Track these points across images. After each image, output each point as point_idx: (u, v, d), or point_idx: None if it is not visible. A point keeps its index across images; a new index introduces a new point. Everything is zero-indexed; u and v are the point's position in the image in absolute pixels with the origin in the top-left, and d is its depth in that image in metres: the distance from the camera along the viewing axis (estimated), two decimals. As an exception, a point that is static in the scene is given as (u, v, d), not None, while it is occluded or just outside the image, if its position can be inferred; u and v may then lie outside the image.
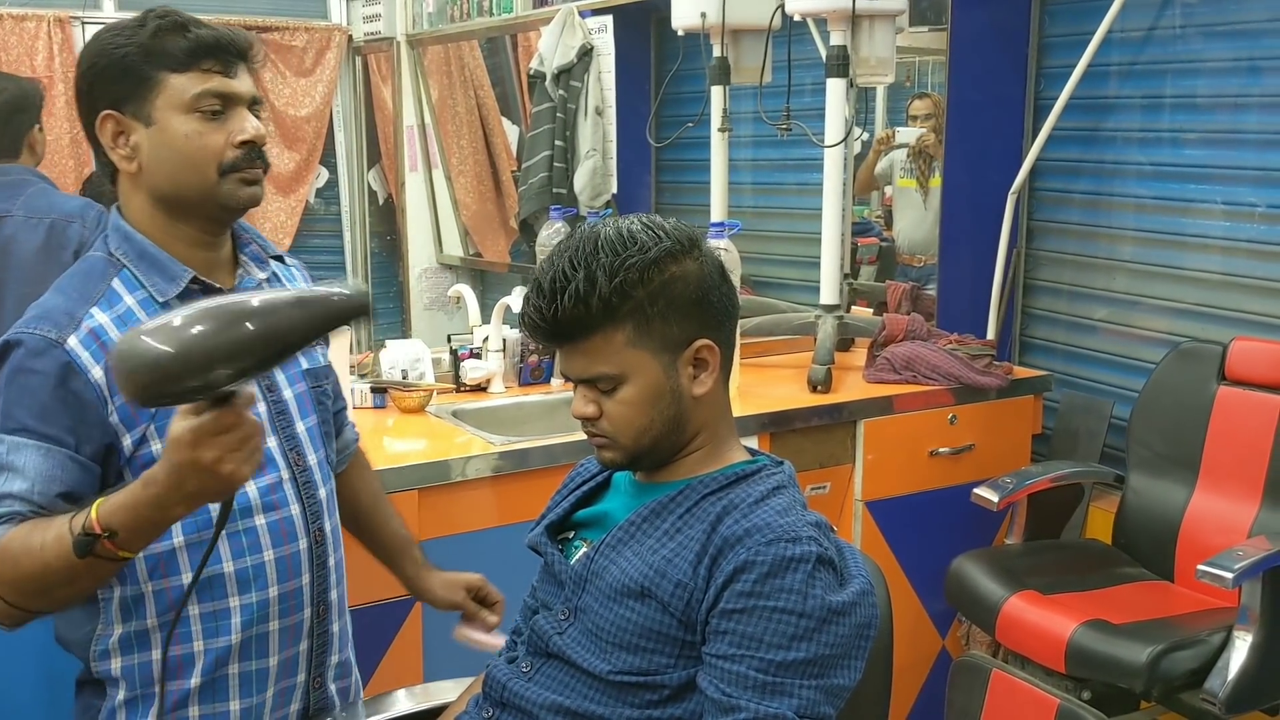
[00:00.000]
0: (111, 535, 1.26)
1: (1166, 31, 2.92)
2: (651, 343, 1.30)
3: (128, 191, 1.51)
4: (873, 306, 3.48)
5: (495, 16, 4.60)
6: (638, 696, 1.29)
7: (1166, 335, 2.95)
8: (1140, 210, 3.02)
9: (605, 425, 1.34)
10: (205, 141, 1.46)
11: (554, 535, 1.45)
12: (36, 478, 1.37)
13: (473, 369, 2.84)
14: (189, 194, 1.47)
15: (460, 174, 5.12)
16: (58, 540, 1.29)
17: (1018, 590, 2.52)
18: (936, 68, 3.73)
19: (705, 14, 3.13)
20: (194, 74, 1.45)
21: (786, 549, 1.23)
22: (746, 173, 4.00)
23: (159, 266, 1.49)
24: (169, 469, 1.22)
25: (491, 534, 2.36)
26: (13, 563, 1.32)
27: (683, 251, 1.32)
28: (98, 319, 1.43)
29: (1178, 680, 2.28)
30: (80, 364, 1.40)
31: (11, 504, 1.37)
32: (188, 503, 1.25)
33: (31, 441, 1.38)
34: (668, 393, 1.33)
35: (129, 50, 1.45)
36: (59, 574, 1.31)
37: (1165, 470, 2.72)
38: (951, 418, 2.88)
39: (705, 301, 1.33)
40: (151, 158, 1.46)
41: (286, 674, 1.55)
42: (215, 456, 1.19)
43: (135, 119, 1.46)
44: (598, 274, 1.27)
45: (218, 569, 1.47)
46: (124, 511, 1.26)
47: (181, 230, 1.50)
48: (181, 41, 1.45)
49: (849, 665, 1.25)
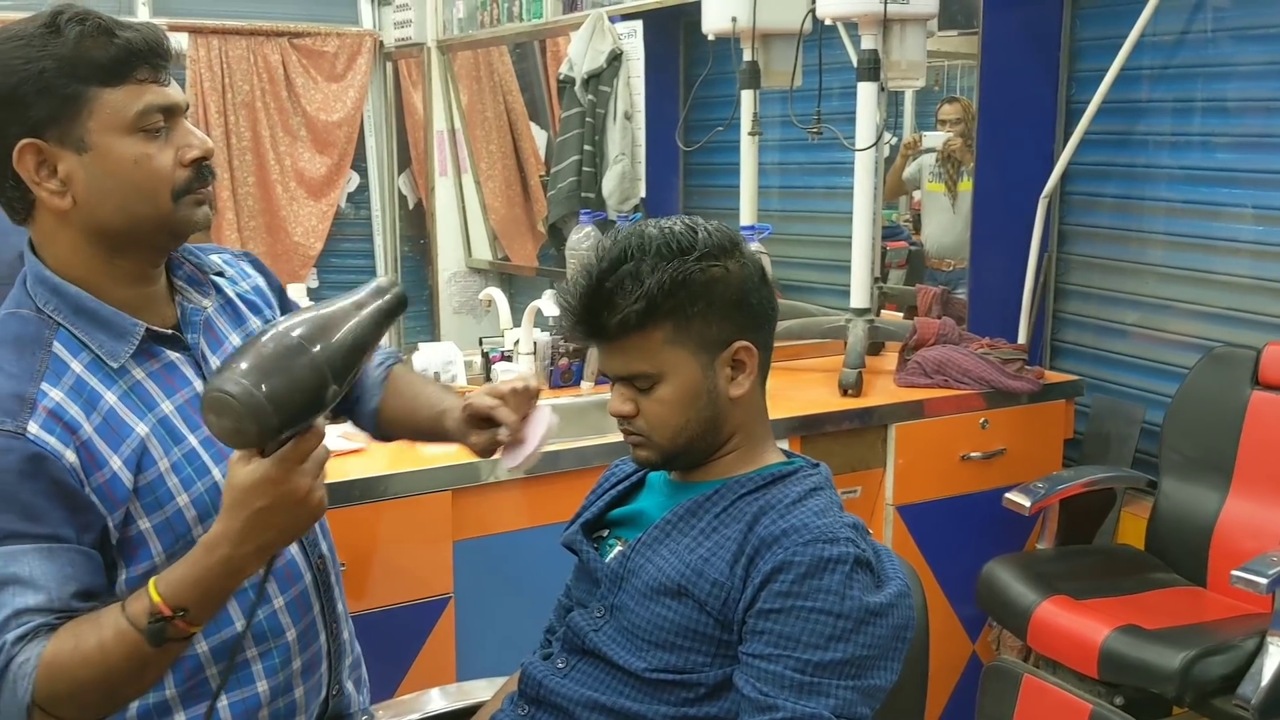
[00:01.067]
0: (183, 614, 1.17)
1: (1198, 35, 2.91)
2: (690, 343, 1.31)
3: (50, 231, 1.30)
4: (902, 310, 3.47)
5: (525, 22, 4.62)
6: (673, 694, 1.30)
7: (1198, 340, 2.93)
8: (1171, 214, 3.00)
9: (642, 424, 1.35)
10: (155, 165, 1.28)
11: (589, 534, 1.46)
12: (48, 584, 1.21)
13: (504, 371, 2.86)
14: (140, 225, 1.29)
15: (489, 178, 5.15)
16: (119, 638, 1.17)
17: (1050, 595, 2.51)
18: (966, 72, 3.72)
19: (735, 18, 3.14)
20: (129, 86, 1.26)
21: (824, 549, 1.24)
22: (774, 176, 4.00)
23: (101, 323, 1.31)
24: (241, 521, 1.14)
25: (523, 535, 2.37)
26: (69, 678, 1.18)
27: (725, 253, 1.33)
28: (52, 396, 1.25)
29: (1211, 686, 2.27)
30: (51, 450, 1.22)
31: (30, 619, 1.19)
32: (261, 554, 1.17)
33: (28, 546, 1.21)
34: (705, 393, 1.33)
35: (45, 65, 1.22)
36: (126, 673, 1.19)
37: (1198, 475, 2.71)
38: (983, 422, 2.87)
39: (745, 303, 1.34)
40: (90, 189, 1.26)
41: (313, 695, 1.51)
42: (308, 485, 1.14)
43: (63, 146, 1.25)
44: (640, 272, 1.28)
45: (230, 631, 1.36)
46: (191, 585, 1.17)
47: (119, 267, 1.32)
48: (110, 49, 1.24)
49: (886, 666, 1.25)
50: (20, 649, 1.18)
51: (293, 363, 1.09)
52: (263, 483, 1.13)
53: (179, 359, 1.38)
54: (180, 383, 1.37)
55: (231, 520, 1.15)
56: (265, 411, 1.07)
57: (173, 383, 1.36)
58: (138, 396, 1.32)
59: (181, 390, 1.36)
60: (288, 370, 1.09)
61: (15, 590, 1.19)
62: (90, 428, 1.26)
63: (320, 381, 1.10)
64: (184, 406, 1.36)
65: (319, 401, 1.12)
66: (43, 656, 1.18)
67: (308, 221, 5.45)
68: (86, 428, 1.26)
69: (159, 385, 1.35)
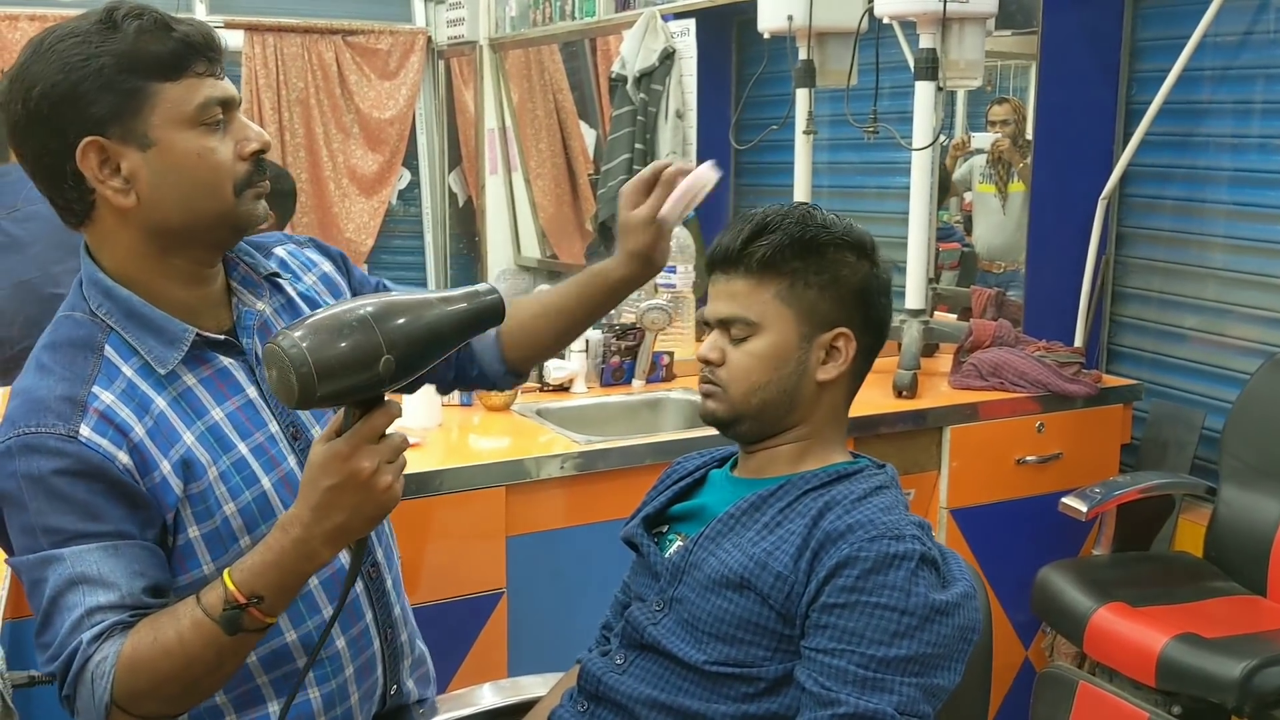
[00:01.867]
0: (258, 601, 1.16)
1: (1261, 36, 2.86)
2: (799, 306, 1.36)
3: (109, 231, 1.29)
4: (955, 312, 3.44)
5: (577, 20, 4.63)
6: (733, 689, 1.29)
7: (1258, 345, 2.88)
8: (1232, 217, 2.96)
9: (723, 373, 1.38)
10: (218, 159, 1.27)
11: (649, 529, 1.46)
12: (118, 580, 1.20)
13: (556, 369, 2.86)
14: (202, 221, 1.28)
15: (538, 177, 5.16)
16: (195, 627, 1.17)
17: (1106, 602, 2.48)
18: (1018, 72, 3.68)
19: (792, 17, 3.13)
20: (188, 80, 1.25)
21: (890, 545, 1.23)
22: (825, 176, 3.97)
23: (152, 328, 1.30)
24: (313, 501, 1.14)
25: (575, 531, 2.38)
26: (150, 672, 1.17)
27: (862, 250, 1.39)
28: (103, 399, 1.25)
29: (1271, 696, 2.23)
30: (104, 453, 1.22)
31: (104, 617, 1.19)
32: (333, 540, 1.16)
33: (92, 545, 1.20)
34: (794, 362, 1.36)
35: (104, 61, 1.21)
36: (205, 664, 1.18)
37: (1259, 483, 2.66)
38: (1039, 426, 2.84)
39: (861, 299, 1.38)
40: (154, 185, 1.25)
41: (367, 699, 1.50)
42: (373, 467, 1.13)
43: (126, 143, 1.23)
44: (787, 225, 1.36)
45: (280, 640, 1.36)
46: (265, 571, 1.16)
47: (175, 267, 1.31)
48: (168, 43, 1.24)
49: (950, 666, 1.24)
50: (96, 648, 1.18)
51: (349, 329, 1.09)
52: (332, 459, 1.13)
53: (232, 364, 1.36)
54: (232, 389, 1.35)
55: (304, 500, 1.15)
56: (305, 364, 1.06)
57: (224, 389, 1.34)
58: (187, 403, 1.31)
59: (233, 397, 1.35)
60: (340, 332, 1.09)
61: (85, 590, 1.19)
62: (142, 430, 1.26)
63: (373, 352, 1.09)
64: (235, 414, 1.34)
65: (370, 371, 1.10)
66: (121, 653, 1.17)
67: (359, 218, 5.49)
68: (138, 430, 1.25)
69: (210, 392, 1.33)
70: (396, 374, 1.12)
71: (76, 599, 1.19)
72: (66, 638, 1.19)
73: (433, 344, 1.15)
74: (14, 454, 1.21)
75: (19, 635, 1.87)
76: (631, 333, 2.94)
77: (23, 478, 1.21)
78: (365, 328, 1.10)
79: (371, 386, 1.11)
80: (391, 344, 1.10)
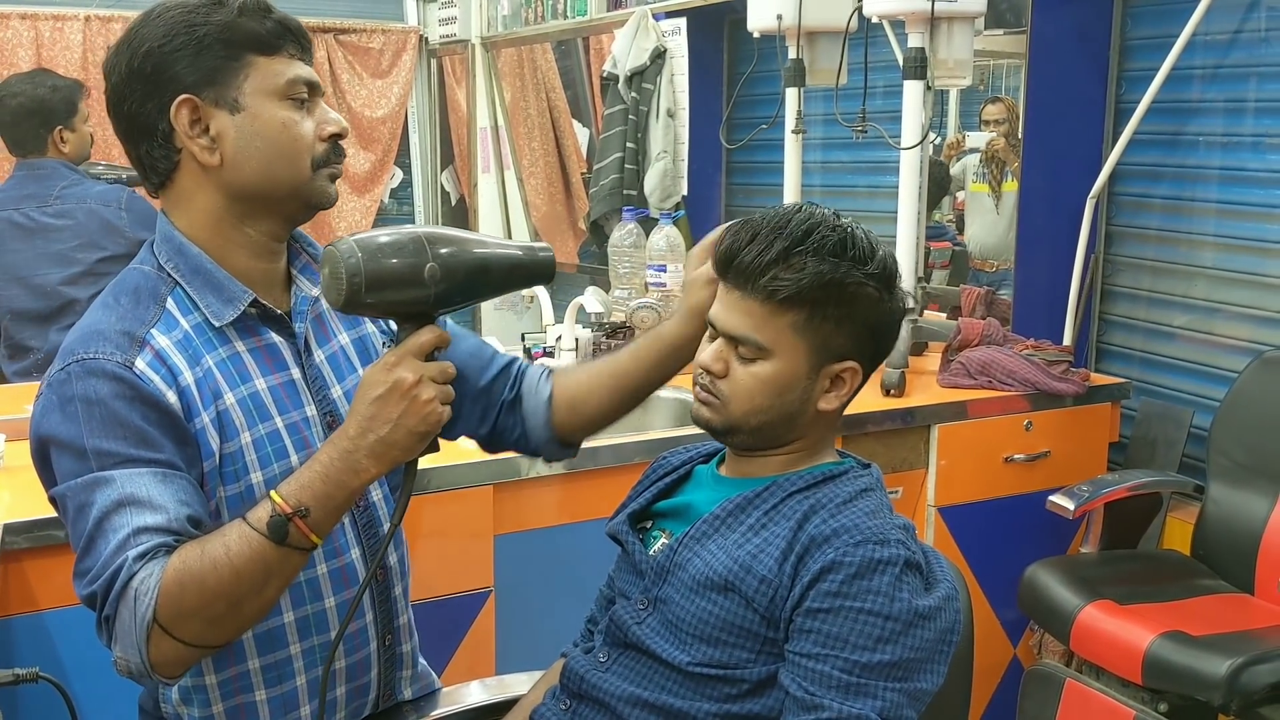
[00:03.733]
0: (304, 513, 1.18)
1: (1251, 34, 2.87)
2: (812, 339, 1.31)
3: (188, 191, 1.36)
4: (945, 310, 3.45)
5: (569, 19, 4.63)
6: (716, 690, 1.29)
7: (1247, 343, 2.89)
8: (1221, 216, 2.96)
9: (724, 387, 1.34)
10: (300, 131, 1.34)
11: (634, 525, 1.46)
12: (166, 504, 1.22)
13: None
14: (278, 189, 1.35)
15: (531, 175, 5.16)
16: (241, 539, 1.18)
17: (1094, 599, 2.49)
18: (1010, 71, 3.69)
19: (781, 16, 3.13)
20: (281, 58, 1.34)
21: (875, 551, 1.23)
22: (816, 175, 3.98)
23: (215, 286, 1.35)
24: (359, 413, 1.19)
25: (563, 530, 2.38)
26: (197, 585, 1.17)
27: (884, 282, 1.33)
28: (159, 341, 1.30)
29: (1258, 694, 2.24)
30: (155, 388, 1.26)
31: (150, 537, 1.20)
32: (377, 454, 1.19)
33: (144, 470, 1.23)
34: (799, 391, 1.33)
35: (209, 29, 1.31)
36: (251, 579, 1.19)
37: (1247, 481, 2.67)
38: (1027, 424, 2.85)
39: (875, 333, 1.35)
40: (239, 148, 1.32)
41: (355, 697, 1.50)
42: (414, 378, 1.19)
43: (218, 105, 1.32)
44: (813, 254, 1.29)
45: (278, 620, 1.37)
46: (311, 482, 1.20)
47: (247, 237, 1.37)
48: (267, 23, 1.34)
49: (932, 670, 1.24)
50: (141, 566, 1.18)
51: (402, 241, 1.19)
52: (380, 369, 1.20)
53: (281, 342, 1.41)
54: (278, 365, 1.39)
55: (351, 415, 1.21)
56: (354, 260, 1.15)
57: (271, 364, 1.39)
58: (234, 366, 1.35)
59: (278, 373, 1.39)
60: (397, 245, 1.18)
61: (134, 510, 1.20)
62: (191, 378, 1.30)
63: (420, 261, 1.18)
64: (277, 388, 1.38)
65: (416, 280, 1.19)
66: (167, 570, 1.18)
67: (351, 216, 5.49)
68: (187, 376, 1.30)
69: (257, 362, 1.38)
70: (441, 291, 1.20)
71: (123, 519, 1.20)
72: (111, 557, 1.19)
73: (478, 274, 1.24)
74: (73, 378, 1.25)
75: (3, 634, 1.87)
76: (621, 332, 2.95)
77: (80, 401, 1.23)
78: (417, 244, 1.19)
79: (416, 298, 1.20)
80: (439, 259, 1.20)
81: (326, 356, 1.46)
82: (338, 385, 1.45)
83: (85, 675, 1.84)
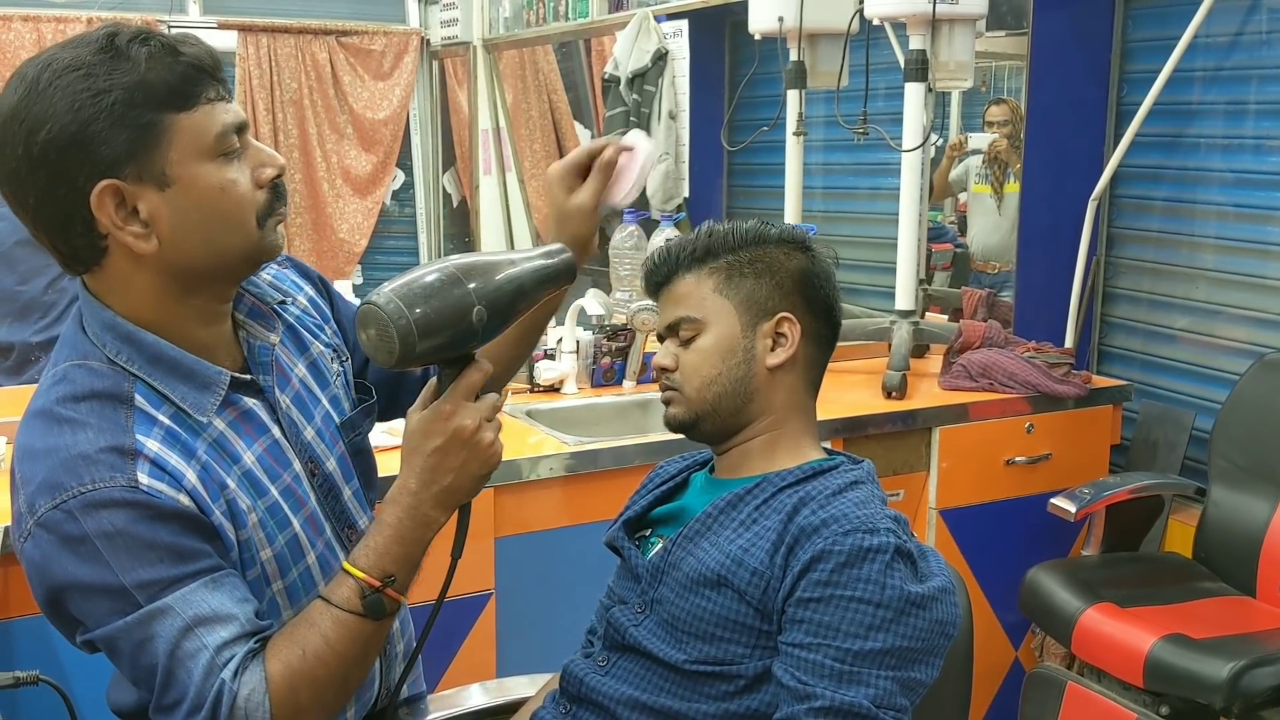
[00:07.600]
0: (392, 580, 1.16)
1: (1252, 37, 2.87)
2: (738, 297, 1.39)
3: (122, 276, 1.18)
4: (947, 313, 3.45)
5: (571, 21, 4.63)
6: (714, 688, 1.29)
7: (1249, 345, 2.89)
8: (1223, 218, 2.96)
9: (677, 376, 1.41)
10: (240, 192, 1.18)
11: (631, 533, 1.46)
12: (233, 610, 1.14)
13: (546, 370, 2.86)
14: (227, 258, 1.20)
15: (533, 177, 5.17)
16: (338, 625, 1.15)
17: (1095, 602, 2.49)
18: (1013, 73, 3.69)
19: (782, 18, 3.13)
20: (202, 108, 1.15)
21: (864, 539, 1.23)
22: (818, 177, 3.98)
23: (183, 374, 1.20)
24: (418, 466, 1.16)
25: (564, 533, 2.38)
26: (310, 683, 1.15)
27: (792, 244, 1.43)
28: (150, 447, 1.15)
29: (1259, 697, 2.24)
30: (169, 501, 1.14)
31: (234, 649, 1.13)
32: (443, 503, 1.17)
33: (194, 585, 1.13)
34: (740, 350, 1.39)
35: (115, 95, 1.10)
36: (355, 659, 1.17)
37: (1248, 483, 2.67)
38: (1028, 426, 2.85)
39: (801, 285, 1.42)
40: (175, 226, 1.15)
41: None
42: (475, 424, 1.15)
43: (143, 183, 1.13)
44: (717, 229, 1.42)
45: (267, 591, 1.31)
46: (389, 548, 1.16)
47: (193, 308, 1.22)
48: (177, 68, 1.13)
49: (927, 661, 1.24)
50: (240, 683, 1.13)
51: (440, 285, 1.13)
52: (434, 419, 1.16)
53: (255, 405, 1.29)
54: (258, 430, 1.29)
55: (408, 468, 1.17)
56: (405, 319, 1.10)
57: (251, 432, 1.28)
58: (223, 449, 1.24)
59: (260, 439, 1.28)
60: (433, 289, 1.12)
61: (204, 630, 1.12)
62: (194, 477, 1.18)
63: (466, 306, 1.13)
64: (264, 456, 1.28)
65: (464, 325, 1.14)
66: (270, 676, 1.14)
67: (353, 219, 5.50)
68: (190, 477, 1.18)
69: (239, 436, 1.26)
70: (488, 327, 1.16)
71: (198, 643, 1.12)
72: (204, 684, 1.12)
73: (518, 297, 1.19)
74: (76, 516, 1.11)
75: (3, 636, 1.87)
76: (622, 334, 2.95)
77: (96, 538, 1.11)
78: (455, 283, 1.13)
79: (465, 341, 1.15)
80: (481, 297, 1.14)
81: (292, 400, 1.35)
82: (309, 427, 1.35)
83: (85, 678, 1.83)
